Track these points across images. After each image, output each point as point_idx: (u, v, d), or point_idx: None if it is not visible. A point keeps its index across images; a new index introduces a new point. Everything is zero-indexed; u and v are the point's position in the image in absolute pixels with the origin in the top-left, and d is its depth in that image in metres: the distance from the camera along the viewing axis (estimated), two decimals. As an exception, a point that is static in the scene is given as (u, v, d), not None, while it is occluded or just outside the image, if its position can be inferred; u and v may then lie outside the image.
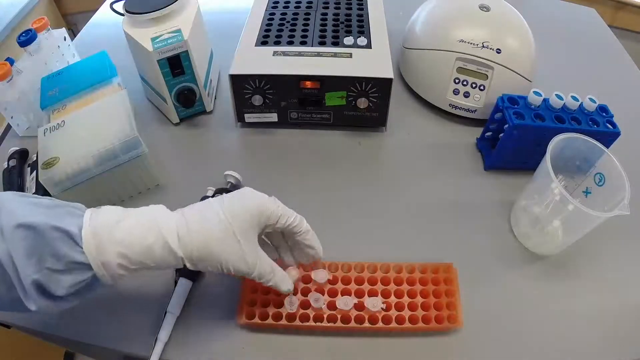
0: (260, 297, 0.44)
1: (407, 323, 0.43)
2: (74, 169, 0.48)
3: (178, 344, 0.43)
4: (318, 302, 0.44)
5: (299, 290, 0.45)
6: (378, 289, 0.45)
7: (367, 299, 0.44)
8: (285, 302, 0.43)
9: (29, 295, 0.31)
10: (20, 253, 0.30)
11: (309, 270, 0.45)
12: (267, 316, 0.43)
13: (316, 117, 0.62)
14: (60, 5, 1.57)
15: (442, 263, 0.47)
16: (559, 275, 0.49)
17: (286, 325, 0.43)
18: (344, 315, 0.43)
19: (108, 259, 0.32)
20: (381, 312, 0.43)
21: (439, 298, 0.44)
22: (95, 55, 0.64)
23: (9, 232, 0.31)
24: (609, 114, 0.54)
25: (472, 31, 0.62)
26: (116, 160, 0.50)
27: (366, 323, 0.43)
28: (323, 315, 0.43)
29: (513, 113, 0.53)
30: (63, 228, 0.32)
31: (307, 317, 0.43)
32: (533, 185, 0.49)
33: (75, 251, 0.32)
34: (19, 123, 0.62)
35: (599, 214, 0.42)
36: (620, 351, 0.44)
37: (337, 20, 0.67)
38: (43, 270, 0.31)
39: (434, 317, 0.43)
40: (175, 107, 0.62)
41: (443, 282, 0.46)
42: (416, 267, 0.47)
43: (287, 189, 0.56)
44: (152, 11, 0.57)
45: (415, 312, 0.44)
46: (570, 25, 0.91)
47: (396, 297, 0.45)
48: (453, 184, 0.58)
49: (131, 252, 0.33)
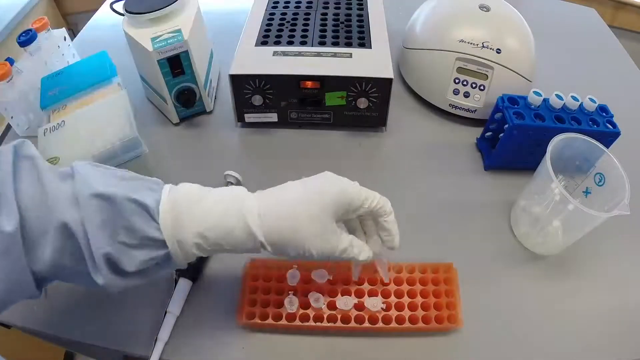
0: (261, 297, 0.44)
1: (407, 323, 0.43)
2: (74, 169, 0.48)
3: (178, 344, 0.43)
4: (318, 302, 0.44)
5: (299, 291, 0.45)
6: (378, 289, 0.45)
7: (367, 299, 0.44)
8: (285, 302, 0.44)
9: (99, 268, 0.30)
10: (95, 223, 0.29)
11: (309, 270, 0.46)
12: (267, 316, 0.43)
13: (316, 117, 0.62)
14: (60, 5, 1.57)
15: (442, 263, 0.47)
16: (559, 275, 0.49)
17: (286, 326, 0.43)
18: (344, 316, 0.43)
19: (185, 237, 0.31)
20: (381, 312, 0.43)
21: (439, 298, 0.44)
22: (95, 55, 0.64)
23: (84, 200, 0.29)
24: (609, 114, 0.54)
25: (472, 31, 0.62)
26: (116, 160, 0.50)
27: (366, 323, 0.43)
28: (323, 315, 0.43)
29: (513, 113, 0.53)
30: (140, 201, 0.30)
31: (307, 317, 0.43)
32: (533, 185, 0.49)
33: (150, 226, 0.31)
34: (19, 123, 0.62)
35: (599, 214, 0.42)
36: (620, 351, 0.44)
37: (337, 20, 0.67)
38: (116, 244, 0.30)
39: (434, 317, 0.43)
40: (175, 107, 0.62)
41: (443, 282, 0.46)
42: (416, 267, 0.47)
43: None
44: (152, 11, 0.57)
45: (415, 312, 0.44)
46: (570, 25, 0.91)
47: (396, 297, 0.45)
48: (453, 184, 0.58)
49: (210, 233, 0.32)
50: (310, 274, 0.45)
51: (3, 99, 0.57)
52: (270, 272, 0.46)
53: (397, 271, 0.47)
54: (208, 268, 0.48)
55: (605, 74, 0.78)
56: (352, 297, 0.44)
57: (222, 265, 0.49)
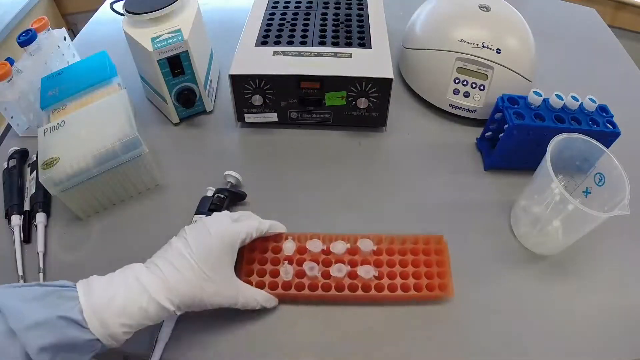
0: (257, 268, 0.46)
1: (399, 291, 0.44)
2: (74, 169, 0.48)
3: (178, 344, 0.43)
4: (313, 270, 0.45)
5: (295, 260, 0.46)
6: (371, 259, 0.47)
7: (360, 267, 0.46)
8: (281, 271, 0.45)
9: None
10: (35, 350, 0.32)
11: (304, 242, 0.48)
12: (264, 285, 0.45)
13: (316, 117, 0.62)
14: (60, 5, 1.57)
15: (433, 235, 0.48)
16: (559, 275, 0.49)
17: (282, 295, 0.45)
18: (338, 284, 0.45)
19: (114, 331, 0.35)
20: (374, 280, 0.45)
21: (430, 267, 0.46)
22: (95, 55, 0.64)
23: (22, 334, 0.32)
24: (609, 114, 0.54)
25: (472, 31, 0.62)
26: (116, 160, 0.50)
27: (359, 291, 0.44)
28: (318, 284, 0.45)
29: (513, 113, 0.53)
30: (67, 317, 0.34)
31: (302, 285, 0.45)
32: (533, 185, 0.49)
33: (84, 333, 0.34)
34: (19, 123, 0.62)
35: (599, 214, 0.42)
36: (620, 351, 0.44)
37: (337, 20, 0.67)
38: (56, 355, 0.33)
39: (425, 285, 0.45)
40: (175, 107, 0.62)
41: (434, 252, 0.47)
42: (407, 239, 0.48)
43: (287, 189, 0.57)
44: (152, 11, 0.57)
45: (406, 280, 0.45)
46: (570, 25, 0.91)
47: (388, 266, 0.46)
48: (453, 184, 0.58)
49: (131, 320, 0.36)
50: (305, 245, 0.47)
51: (3, 99, 0.57)
52: (266, 243, 0.48)
53: (389, 242, 0.48)
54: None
55: (605, 74, 0.78)
56: (345, 265, 0.46)
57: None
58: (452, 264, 0.47)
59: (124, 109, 0.53)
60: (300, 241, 0.48)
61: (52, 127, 0.51)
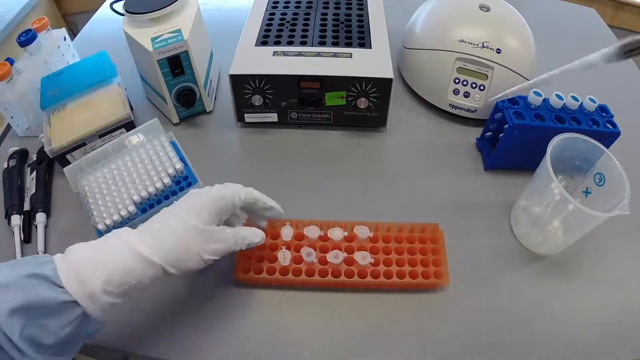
0: (255, 254, 0.46)
1: (395, 278, 0.45)
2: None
3: (178, 344, 0.43)
4: (310, 256, 0.46)
5: (292, 246, 0.47)
6: (367, 246, 0.47)
7: (356, 254, 0.46)
8: (279, 256, 0.46)
9: (26, 353, 0.30)
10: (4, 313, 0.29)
11: (302, 228, 0.48)
12: (262, 271, 0.46)
13: (316, 117, 0.62)
14: (60, 5, 1.57)
15: (429, 223, 0.49)
16: (558, 275, 0.49)
17: (279, 280, 0.45)
18: (335, 270, 0.46)
19: (92, 289, 0.32)
20: (370, 266, 0.46)
21: (426, 255, 0.47)
22: (95, 55, 0.64)
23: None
24: (609, 114, 0.54)
25: (472, 31, 0.62)
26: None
27: (355, 277, 0.45)
28: (315, 269, 0.46)
29: (513, 113, 0.53)
30: (38, 274, 0.31)
31: (299, 271, 0.46)
32: (533, 185, 0.49)
33: (57, 292, 0.31)
34: (19, 123, 0.62)
35: (599, 214, 0.42)
36: (620, 351, 0.44)
37: (337, 20, 0.67)
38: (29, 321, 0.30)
39: (420, 273, 0.45)
40: (175, 107, 0.62)
41: (430, 240, 0.48)
42: (404, 227, 0.49)
43: (287, 189, 0.57)
44: (152, 11, 0.57)
45: (402, 267, 0.46)
46: (570, 25, 0.91)
47: (384, 253, 0.47)
48: (453, 184, 0.58)
49: (112, 275, 0.33)
50: (303, 232, 0.48)
51: (3, 99, 0.57)
52: (265, 229, 0.47)
53: (385, 230, 0.49)
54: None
55: (605, 74, 0.77)
56: (342, 252, 0.46)
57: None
58: (452, 263, 0.47)
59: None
60: (298, 227, 0.49)
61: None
